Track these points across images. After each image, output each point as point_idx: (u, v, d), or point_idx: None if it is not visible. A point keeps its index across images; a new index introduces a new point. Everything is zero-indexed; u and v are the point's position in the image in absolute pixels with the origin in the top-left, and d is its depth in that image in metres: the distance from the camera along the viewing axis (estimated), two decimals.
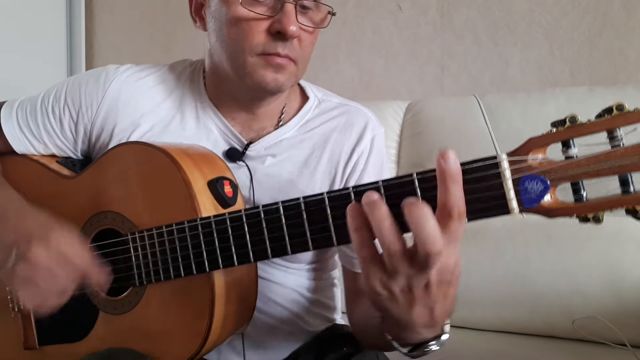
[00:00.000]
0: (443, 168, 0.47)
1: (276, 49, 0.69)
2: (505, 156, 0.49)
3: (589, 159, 0.47)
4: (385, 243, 0.48)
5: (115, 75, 0.80)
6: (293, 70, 0.73)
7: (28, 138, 0.81)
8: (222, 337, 0.68)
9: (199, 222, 0.62)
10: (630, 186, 0.47)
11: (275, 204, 0.58)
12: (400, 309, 0.51)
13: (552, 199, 0.49)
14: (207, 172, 0.69)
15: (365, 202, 0.49)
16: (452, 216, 0.47)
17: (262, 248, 0.59)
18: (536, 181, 0.48)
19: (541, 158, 0.49)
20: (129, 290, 0.69)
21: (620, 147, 0.46)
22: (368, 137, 0.82)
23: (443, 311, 0.52)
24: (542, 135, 0.49)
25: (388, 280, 0.50)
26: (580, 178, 0.47)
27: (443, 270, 0.49)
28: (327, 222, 0.55)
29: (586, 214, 0.48)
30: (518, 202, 0.49)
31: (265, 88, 0.71)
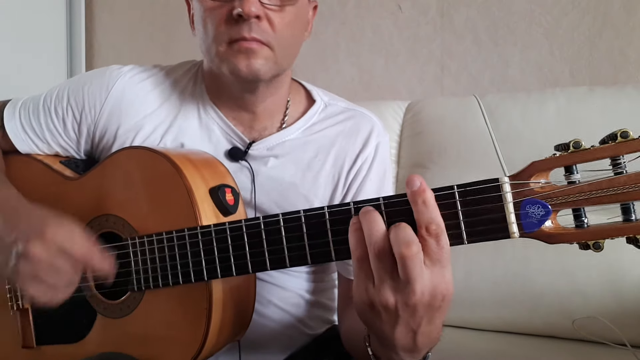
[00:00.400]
0: (411, 192, 0.49)
1: (241, 33, 0.68)
2: (508, 179, 0.49)
3: (592, 185, 0.47)
4: (371, 242, 0.49)
5: (118, 75, 0.80)
6: (267, 54, 0.70)
7: (31, 138, 0.81)
8: (219, 344, 0.68)
9: (198, 230, 0.62)
10: (632, 214, 0.47)
11: (276, 216, 0.57)
12: (384, 326, 0.51)
13: (553, 224, 0.49)
14: (209, 178, 0.69)
15: (362, 211, 0.51)
16: (424, 235, 0.48)
17: (261, 260, 0.59)
18: (537, 206, 0.48)
19: (543, 182, 0.49)
20: (127, 294, 0.69)
21: (623, 175, 0.46)
22: (373, 143, 0.82)
23: (426, 337, 0.52)
24: (545, 159, 0.49)
25: (374, 291, 0.50)
26: (582, 204, 0.47)
27: (433, 293, 0.48)
28: (326, 237, 0.55)
29: (587, 240, 0.48)
30: (518, 227, 0.49)
31: (239, 75, 0.70)
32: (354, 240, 0.50)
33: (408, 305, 0.49)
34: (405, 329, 0.51)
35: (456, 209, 0.50)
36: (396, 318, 0.50)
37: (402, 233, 0.47)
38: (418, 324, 0.50)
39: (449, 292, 0.49)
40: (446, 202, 0.50)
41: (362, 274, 0.50)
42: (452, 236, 0.50)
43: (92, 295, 0.72)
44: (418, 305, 0.48)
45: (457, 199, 0.50)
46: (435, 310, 0.50)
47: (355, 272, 0.51)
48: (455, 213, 0.50)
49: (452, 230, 0.50)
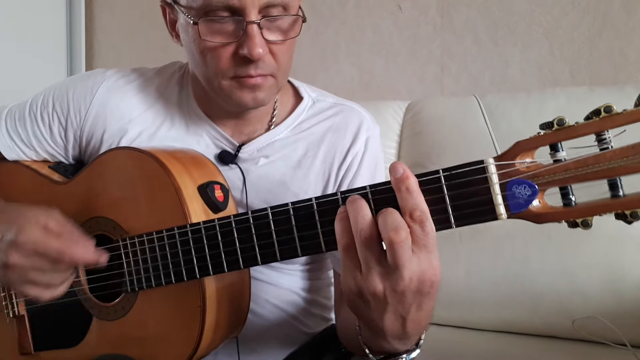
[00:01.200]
0: (394, 179, 0.49)
1: (247, 71, 0.68)
2: (492, 160, 0.49)
3: (578, 162, 0.46)
4: (358, 229, 0.48)
5: (102, 79, 0.79)
6: (271, 83, 0.71)
7: (18, 145, 0.80)
8: (215, 342, 0.68)
9: (188, 228, 0.62)
10: (619, 190, 0.46)
11: (264, 210, 0.57)
12: (373, 314, 0.51)
13: (541, 203, 0.48)
14: (197, 176, 0.69)
15: (348, 200, 0.50)
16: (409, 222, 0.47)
17: (252, 255, 0.58)
18: (524, 186, 0.48)
19: (529, 162, 0.48)
20: (121, 296, 0.69)
21: (609, 150, 0.45)
22: (362, 138, 0.81)
23: (416, 324, 0.52)
24: (529, 139, 0.48)
25: (362, 280, 0.49)
26: (569, 182, 0.47)
27: (421, 279, 0.48)
28: (315, 229, 0.55)
29: (575, 218, 0.47)
30: (506, 207, 0.48)
31: (247, 107, 0.72)
32: (340, 229, 0.50)
33: (396, 292, 0.49)
34: (394, 315, 0.51)
35: (442, 193, 0.50)
36: (385, 305, 0.50)
37: (390, 218, 0.47)
38: (407, 311, 0.50)
39: (436, 278, 0.50)
40: (432, 187, 0.50)
41: (349, 263, 0.50)
42: (440, 221, 0.50)
43: (87, 299, 0.71)
44: (406, 291, 0.49)
45: (443, 183, 0.50)
46: (424, 296, 0.50)
47: (342, 261, 0.51)
48: (442, 197, 0.50)
49: (439, 215, 0.50)
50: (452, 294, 1.19)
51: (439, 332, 1.21)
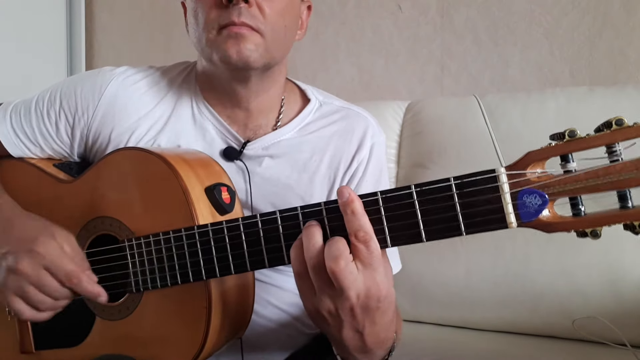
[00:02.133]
0: (341, 203, 0.52)
1: (230, 17, 0.68)
2: (504, 170, 0.50)
3: (588, 174, 0.47)
4: (308, 257, 0.52)
5: (111, 77, 0.79)
6: (258, 41, 0.70)
7: (23, 141, 0.80)
8: (219, 343, 0.68)
9: (196, 230, 0.62)
10: (628, 201, 0.47)
11: (273, 213, 0.57)
12: (332, 330, 0.55)
13: (551, 213, 0.49)
14: (205, 178, 0.69)
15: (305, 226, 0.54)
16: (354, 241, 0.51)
17: (260, 258, 0.59)
18: (534, 195, 0.49)
19: (540, 172, 0.49)
20: (125, 296, 0.69)
21: (619, 162, 0.46)
22: (368, 144, 0.82)
23: (374, 337, 0.55)
24: (540, 149, 0.49)
25: (317, 301, 0.53)
26: (579, 193, 0.48)
27: (367, 295, 0.51)
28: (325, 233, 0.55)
29: (584, 229, 0.48)
30: (516, 217, 0.49)
31: (230, 61, 0.70)
32: (293, 256, 0.54)
33: (347, 310, 0.52)
34: (351, 331, 0.54)
35: (453, 201, 0.51)
36: (340, 322, 0.53)
37: (332, 247, 0.51)
38: (362, 326, 0.54)
39: (382, 294, 0.52)
40: (443, 195, 0.51)
41: (303, 286, 0.54)
42: (451, 228, 0.51)
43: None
44: (355, 308, 0.52)
45: (454, 192, 0.51)
46: (374, 312, 0.53)
47: (297, 285, 0.55)
48: (453, 205, 0.51)
49: (450, 223, 0.51)
50: (452, 294, 1.19)
51: (439, 332, 1.21)
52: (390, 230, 0.53)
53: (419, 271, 1.21)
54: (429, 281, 1.21)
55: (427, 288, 1.22)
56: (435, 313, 1.24)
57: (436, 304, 1.22)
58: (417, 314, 1.25)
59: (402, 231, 0.52)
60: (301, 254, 0.53)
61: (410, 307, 1.23)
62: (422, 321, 1.26)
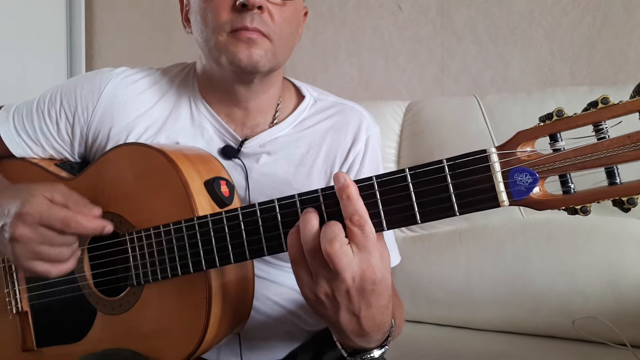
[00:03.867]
0: (337, 188, 0.53)
1: (243, 22, 0.69)
2: (495, 149, 0.51)
3: (576, 151, 0.48)
4: (305, 243, 0.53)
5: (110, 77, 0.80)
6: (267, 46, 0.72)
7: (25, 141, 0.81)
8: (219, 335, 0.69)
9: (195, 221, 0.62)
10: (616, 178, 0.48)
11: (272, 202, 0.58)
12: (329, 313, 0.56)
13: (541, 191, 0.50)
14: (204, 172, 0.69)
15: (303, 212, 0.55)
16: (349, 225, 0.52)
17: (259, 246, 0.60)
18: (525, 174, 0.50)
19: (529, 151, 0.50)
20: (126, 290, 0.69)
21: (606, 139, 0.47)
22: (363, 138, 0.83)
23: (371, 320, 0.56)
24: (530, 129, 0.50)
25: (313, 284, 0.54)
26: (568, 170, 0.49)
27: (362, 278, 0.52)
28: (322, 219, 0.56)
29: (574, 205, 0.49)
30: (507, 195, 0.50)
31: (239, 65, 0.71)
32: (290, 241, 0.55)
33: (343, 292, 0.53)
34: (347, 314, 0.55)
35: (446, 182, 0.52)
36: (337, 305, 0.54)
37: (328, 230, 0.52)
38: (358, 309, 0.54)
39: (377, 277, 0.53)
40: (437, 177, 0.52)
41: (300, 271, 0.55)
42: (445, 209, 0.52)
43: (91, 293, 0.72)
44: (351, 290, 0.53)
45: (447, 173, 0.52)
46: (369, 294, 0.54)
47: (293, 271, 0.56)
48: (446, 186, 0.52)
49: (444, 203, 0.52)
50: (452, 294, 1.19)
51: (439, 332, 1.21)
52: (385, 214, 0.54)
53: (419, 271, 1.21)
54: (429, 281, 1.21)
55: (427, 288, 1.22)
56: (435, 313, 1.24)
57: (436, 304, 1.22)
58: (417, 314, 1.25)
59: (398, 214, 0.54)
60: (298, 240, 0.54)
61: (410, 307, 1.23)
62: (422, 321, 1.26)
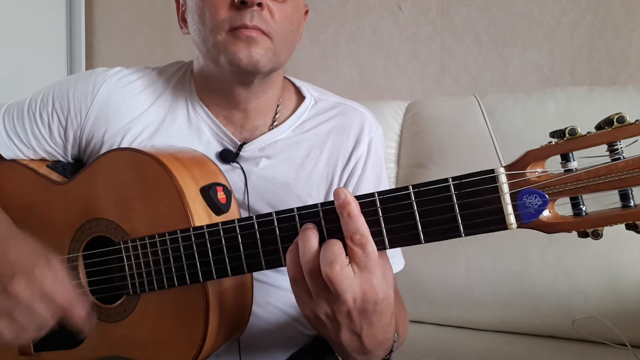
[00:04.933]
0: (337, 205, 0.51)
1: (243, 20, 0.67)
2: (503, 170, 0.49)
3: (589, 173, 0.46)
4: (304, 262, 0.51)
5: (104, 79, 0.78)
6: (268, 45, 0.69)
7: (16, 144, 0.79)
8: (217, 344, 0.68)
9: (191, 232, 0.61)
10: (630, 200, 0.46)
11: (269, 215, 0.57)
12: (330, 333, 0.54)
13: (551, 213, 0.48)
14: (200, 177, 0.68)
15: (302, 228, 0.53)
16: (350, 245, 0.50)
17: (256, 261, 0.58)
18: (534, 195, 0.48)
19: (540, 172, 0.48)
20: (123, 298, 0.68)
21: (621, 160, 0.45)
22: (365, 140, 0.81)
23: (372, 339, 0.55)
24: (540, 148, 0.48)
25: (313, 305, 0.53)
26: (580, 193, 0.47)
27: (363, 298, 0.51)
28: (322, 235, 0.54)
29: (585, 229, 0.47)
30: (516, 217, 0.48)
31: (239, 65, 0.69)
32: (289, 261, 0.53)
33: (344, 313, 0.52)
34: (349, 333, 0.54)
35: (452, 201, 0.50)
36: (338, 325, 0.53)
37: (328, 252, 0.50)
38: (360, 328, 0.53)
39: (379, 297, 0.51)
40: (442, 196, 0.50)
41: (299, 291, 0.54)
42: (450, 229, 0.50)
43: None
44: (352, 311, 0.51)
45: (453, 192, 0.50)
46: (371, 314, 0.52)
47: (293, 290, 0.55)
48: (451, 206, 0.50)
49: (449, 224, 0.50)
50: (452, 294, 1.19)
51: (439, 332, 1.21)
52: (388, 232, 0.52)
53: (419, 271, 1.21)
54: (429, 281, 1.21)
55: (427, 288, 1.22)
56: (435, 313, 1.23)
57: (436, 304, 1.22)
58: (417, 314, 1.25)
59: (400, 233, 0.51)
60: (297, 259, 0.52)
61: (410, 307, 1.22)
62: (422, 321, 1.26)
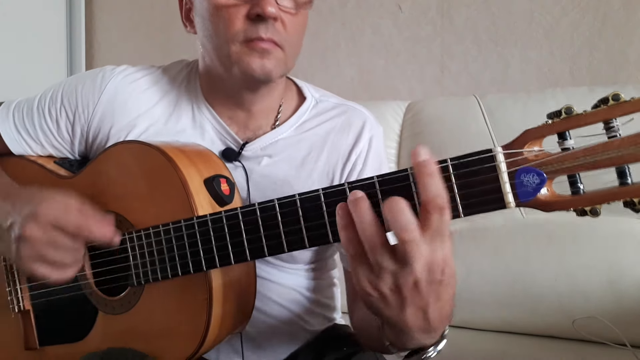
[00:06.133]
0: (416, 163, 0.48)
1: (258, 33, 0.68)
2: (501, 149, 0.48)
3: (586, 151, 0.46)
4: (366, 237, 0.48)
5: (111, 76, 0.79)
6: (280, 56, 0.71)
7: (25, 139, 0.81)
8: (220, 336, 0.68)
9: (195, 220, 0.62)
10: (628, 178, 0.45)
11: (271, 202, 0.57)
12: (392, 311, 0.50)
13: (549, 192, 0.48)
14: (204, 169, 0.69)
15: (350, 199, 0.49)
16: (430, 209, 0.46)
17: (259, 246, 0.58)
18: (532, 174, 0.47)
19: (537, 150, 0.48)
20: (127, 290, 0.69)
21: (617, 138, 0.45)
22: (366, 137, 0.82)
23: (438, 314, 0.51)
24: (537, 127, 0.48)
25: (376, 279, 0.49)
26: (577, 170, 0.46)
27: (431, 268, 0.47)
28: (322, 219, 0.54)
29: (583, 207, 0.47)
30: (514, 196, 0.48)
31: (253, 75, 0.70)
32: (346, 239, 0.49)
33: (410, 285, 0.48)
34: (414, 309, 0.49)
35: (451, 182, 0.49)
36: (403, 300, 0.49)
37: (399, 217, 0.46)
38: (426, 303, 0.49)
39: (447, 265, 0.48)
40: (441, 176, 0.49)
41: (361, 267, 0.50)
42: None
43: (92, 293, 0.72)
44: (420, 282, 0.48)
45: (451, 172, 0.49)
46: (439, 285, 0.48)
47: (352, 267, 0.51)
48: (450, 186, 0.49)
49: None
50: None
51: None
52: None
53: None
54: None
55: None
56: None
57: None
58: None
59: None
60: (353, 234, 0.49)
61: None
62: None
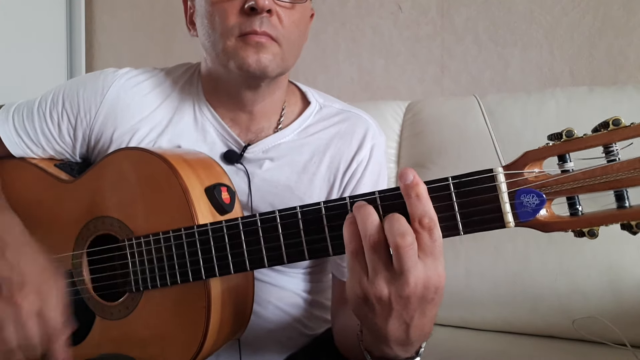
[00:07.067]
0: (404, 186, 0.49)
1: (252, 26, 0.68)
2: (502, 169, 0.50)
3: (585, 173, 0.47)
4: (366, 235, 0.49)
5: (113, 79, 0.79)
6: (276, 50, 0.70)
7: (25, 142, 0.80)
8: (218, 343, 0.68)
9: (195, 229, 0.62)
10: (625, 201, 0.47)
11: (272, 213, 0.57)
12: (377, 318, 0.51)
13: (548, 212, 0.50)
14: (205, 178, 0.69)
15: (355, 205, 0.51)
16: (417, 229, 0.48)
17: (259, 257, 0.59)
18: (532, 195, 0.49)
19: (537, 172, 0.49)
20: (125, 295, 0.69)
21: (616, 162, 0.46)
22: (368, 145, 0.82)
23: (420, 330, 0.52)
24: (538, 149, 0.49)
25: (368, 284, 0.50)
26: (576, 192, 0.48)
27: (426, 285, 0.48)
28: (323, 233, 0.55)
29: (582, 228, 0.48)
30: (514, 216, 0.50)
31: (249, 70, 0.70)
32: (348, 234, 0.50)
33: (401, 297, 0.49)
34: (398, 321, 0.51)
35: (451, 200, 0.51)
36: (390, 310, 0.50)
37: (396, 224, 0.48)
38: (411, 317, 0.51)
39: (441, 285, 0.50)
40: (441, 194, 0.51)
41: (357, 267, 0.50)
42: (449, 227, 0.51)
43: (90, 298, 0.72)
44: (411, 297, 0.49)
45: (452, 191, 0.51)
46: (428, 303, 0.50)
47: (349, 266, 0.51)
48: (451, 205, 0.51)
49: (448, 222, 0.51)
50: (452, 294, 1.19)
51: (439, 332, 1.21)
52: None
53: None
54: None
55: None
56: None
57: None
58: None
59: None
60: (356, 232, 0.50)
61: None
62: None
